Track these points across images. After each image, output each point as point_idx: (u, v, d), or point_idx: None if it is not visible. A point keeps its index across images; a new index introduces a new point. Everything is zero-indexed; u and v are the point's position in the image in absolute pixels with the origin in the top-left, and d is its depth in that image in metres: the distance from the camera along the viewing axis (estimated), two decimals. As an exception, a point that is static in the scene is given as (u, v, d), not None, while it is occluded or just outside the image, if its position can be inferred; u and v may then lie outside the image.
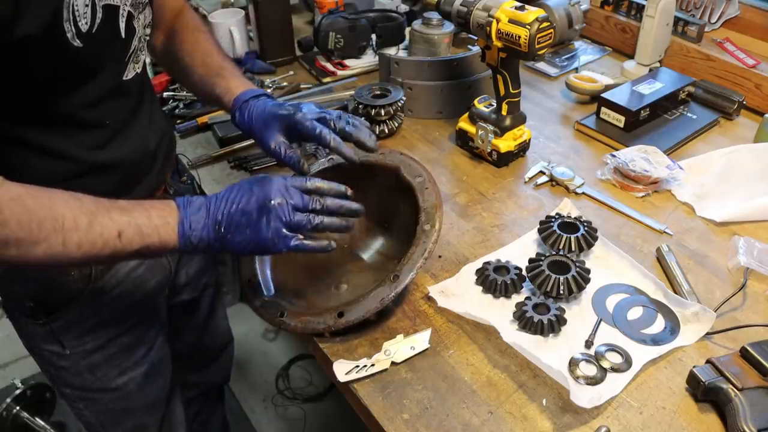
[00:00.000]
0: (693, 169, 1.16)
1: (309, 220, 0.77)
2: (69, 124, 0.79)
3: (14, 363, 2.12)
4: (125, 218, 0.71)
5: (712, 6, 1.52)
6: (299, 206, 0.77)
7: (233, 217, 0.75)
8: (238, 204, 0.75)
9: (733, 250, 0.98)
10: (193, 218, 0.75)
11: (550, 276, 0.90)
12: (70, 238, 0.68)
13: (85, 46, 0.71)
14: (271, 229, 0.75)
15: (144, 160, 0.91)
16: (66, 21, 0.68)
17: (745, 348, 0.79)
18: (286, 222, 0.76)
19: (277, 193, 0.76)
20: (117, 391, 1.01)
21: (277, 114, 0.90)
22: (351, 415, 0.91)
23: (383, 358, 0.83)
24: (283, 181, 0.78)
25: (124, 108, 0.85)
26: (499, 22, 1.08)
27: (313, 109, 0.90)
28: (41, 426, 1.79)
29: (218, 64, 0.99)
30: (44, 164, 0.79)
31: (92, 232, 0.69)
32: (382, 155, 1.01)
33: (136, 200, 0.75)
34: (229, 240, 0.75)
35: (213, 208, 0.76)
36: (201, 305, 1.22)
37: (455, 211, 1.11)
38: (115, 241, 0.70)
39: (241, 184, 0.78)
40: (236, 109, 0.94)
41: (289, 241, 0.76)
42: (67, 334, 0.93)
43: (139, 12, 0.81)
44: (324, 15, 1.54)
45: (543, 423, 0.76)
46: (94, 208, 0.70)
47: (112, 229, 0.70)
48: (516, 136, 1.20)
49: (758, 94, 1.36)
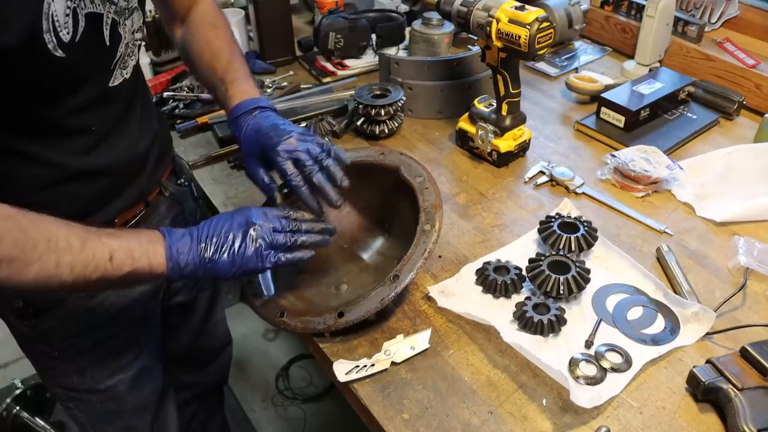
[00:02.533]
0: (693, 169, 1.16)
1: (288, 238, 0.82)
2: (54, 131, 0.78)
3: (14, 363, 2.12)
4: (116, 241, 0.72)
5: (712, 6, 1.52)
6: (278, 228, 0.81)
7: (217, 239, 0.78)
8: (221, 228, 0.79)
9: (733, 250, 0.98)
10: (178, 244, 0.76)
11: (550, 276, 0.90)
12: (64, 258, 0.67)
13: (68, 55, 0.71)
14: (254, 248, 0.79)
15: (133, 164, 0.91)
16: (46, 32, 0.67)
17: (745, 348, 0.79)
18: (268, 242, 0.80)
19: (258, 217, 0.81)
20: (106, 392, 1.01)
21: (260, 141, 0.90)
22: (351, 415, 0.91)
23: (383, 358, 0.83)
24: (261, 209, 0.83)
25: (111, 114, 0.85)
26: (499, 22, 1.08)
27: (291, 144, 0.87)
28: (41, 426, 1.79)
29: (224, 67, 0.97)
30: (30, 170, 0.79)
31: (85, 253, 0.69)
32: (382, 155, 1.01)
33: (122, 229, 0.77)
34: (214, 262, 0.77)
35: (196, 235, 0.78)
36: (197, 307, 1.22)
37: (455, 211, 1.11)
38: (106, 264, 0.70)
39: (221, 215, 0.82)
40: (231, 122, 0.94)
41: (274, 257, 0.80)
42: (55, 335, 0.93)
43: (124, 18, 0.80)
44: (324, 15, 1.54)
45: (543, 423, 0.76)
46: (83, 232, 0.70)
47: (103, 251, 0.70)
48: (516, 136, 1.20)
49: (758, 94, 1.36)
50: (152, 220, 0.99)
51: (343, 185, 0.88)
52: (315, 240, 0.85)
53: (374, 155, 1.02)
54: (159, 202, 1.01)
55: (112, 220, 0.89)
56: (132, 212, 0.93)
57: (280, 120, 0.92)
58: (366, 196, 1.04)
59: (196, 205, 1.14)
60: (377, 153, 1.02)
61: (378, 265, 0.99)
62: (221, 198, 1.15)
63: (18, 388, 1.78)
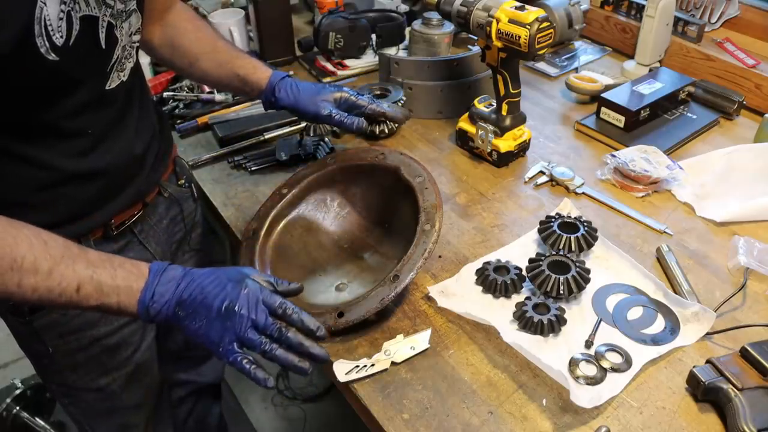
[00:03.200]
0: (693, 169, 1.16)
1: (261, 342, 0.72)
2: (49, 133, 0.78)
3: (14, 363, 2.12)
4: (88, 272, 0.70)
5: (712, 6, 1.52)
6: (258, 325, 0.72)
7: (195, 305, 0.73)
8: (206, 296, 0.73)
9: (733, 250, 0.98)
10: (159, 289, 0.73)
11: (550, 276, 0.90)
12: (27, 280, 0.67)
13: (62, 59, 0.70)
14: (221, 335, 0.72)
15: (130, 166, 0.91)
16: (38, 36, 0.67)
17: (745, 348, 0.79)
18: (238, 335, 0.71)
19: (245, 303, 0.72)
20: (101, 391, 1.01)
21: (326, 89, 1.05)
22: (351, 415, 0.90)
23: (383, 358, 0.83)
24: (258, 293, 0.74)
25: (107, 116, 0.84)
26: (499, 22, 1.08)
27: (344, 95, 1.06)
28: (41, 426, 1.79)
29: (229, 48, 1.03)
30: (26, 172, 0.79)
31: (51, 279, 0.68)
32: (382, 155, 1.01)
33: (110, 254, 0.74)
34: (184, 324, 0.73)
35: (183, 286, 0.73)
36: None
37: (455, 211, 1.11)
38: (72, 293, 0.69)
39: (220, 274, 0.75)
40: (274, 86, 1.00)
41: (231, 354, 0.72)
42: (49, 333, 0.93)
43: (121, 21, 0.80)
44: (324, 15, 1.54)
45: (543, 423, 0.76)
46: (58, 255, 0.69)
47: (71, 280, 0.69)
48: (516, 136, 1.20)
49: (758, 94, 1.36)
50: (150, 221, 0.99)
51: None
52: (289, 362, 0.73)
53: (374, 155, 1.02)
54: (158, 203, 1.01)
55: (109, 220, 0.89)
56: (129, 212, 0.93)
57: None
58: (366, 196, 1.05)
59: (195, 205, 1.14)
60: (377, 153, 1.02)
61: (378, 265, 0.99)
62: (221, 198, 1.15)
63: (18, 388, 1.78)
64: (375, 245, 1.02)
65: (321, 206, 1.05)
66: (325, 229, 1.04)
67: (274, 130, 1.32)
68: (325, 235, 1.04)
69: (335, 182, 1.06)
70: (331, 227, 1.05)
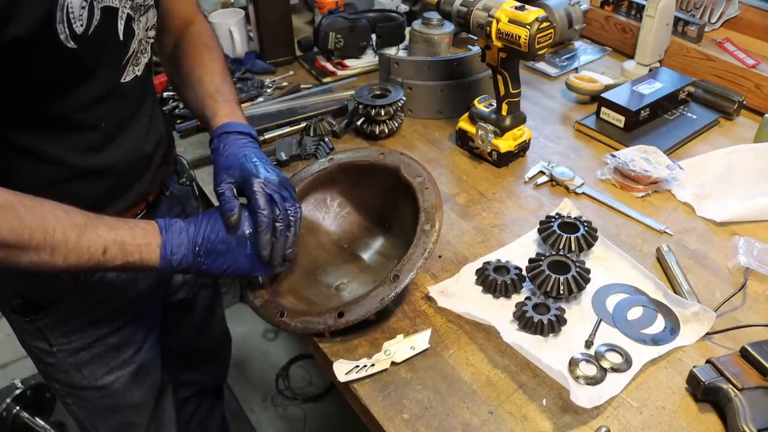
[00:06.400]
0: (693, 169, 1.16)
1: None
2: (62, 125, 0.78)
3: (14, 363, 2.12)
4: (111, 235, 0.73)
5: (712, 6, 1.52)
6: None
7: (212, 243, 0.79)
8: (218, 231, 0.80)
9: (733, 250, 0.98)
10: (174, 241, 0.78)
11: (550, 276, 0.90)
12: (59, 250, 0.69)
13: (80, 47, 0.71)
14: (251, 260, 0.81)
15: (139, 165, 0.91)
16: (60, 23, 0.68)
17: (745, 348, 0.79)
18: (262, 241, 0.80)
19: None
20: (104, 389, 1.01)
21: (244, 165, 0.84)
22: (351, 415, 0.91)
23: (383, 358, 0.83)
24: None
25: (121, 111, 0.85)
26: (499, 22, 1.08)
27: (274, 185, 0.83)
28: (41, 426, 1.79)
29: (215, 87, 0.94)
30: (35, 168, 0.79)
31: (80, 246, 0.71)
32: (382, 155, 1.01)
33: (120, 217, 0.78)
34: (207, 265, 0.80)
35: (193, 233, 0.79)
36: (197, 305, 1.22)
37: (455, 211, 1.11)
38: (99, 257, 0.73)
39: (214, 211, 0.82)
40: (215, 137, 0.90)
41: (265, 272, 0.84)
42: (53, 332, 0.93)
43: (140, 14, 0.81)
44: (324, 15, 1.54)
45: (543, 423, 0.76)
46: (82, 223, 0.72)
47: (98, 245, 0.72)
48: (516, 136, 1.20)
49: (758, 94, 1.36)
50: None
51: (289, 258, 0.85)
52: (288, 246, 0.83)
53: (374, 155, 1.02)
54: (160, 202, 1.01)
55: None
56: (132, 212, 0.93)
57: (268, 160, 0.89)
58: (366, 196, 1.04)
59: (197, 204, 1.14)
60: (377, 153, 1.02)
61: (378, 265, 0.99)
62: (221, 198, 1.15)
63: (18, 388, 1.78)
64: (375, 245, 1.02)
65: (321, 206, 1.05)
66: (325, 229, 1.04)
67: (274, 130, 1.32)
68: (325, 235, 1.04)
69: (335, 182, 1.06)
70: (331, 227, 1.05)
